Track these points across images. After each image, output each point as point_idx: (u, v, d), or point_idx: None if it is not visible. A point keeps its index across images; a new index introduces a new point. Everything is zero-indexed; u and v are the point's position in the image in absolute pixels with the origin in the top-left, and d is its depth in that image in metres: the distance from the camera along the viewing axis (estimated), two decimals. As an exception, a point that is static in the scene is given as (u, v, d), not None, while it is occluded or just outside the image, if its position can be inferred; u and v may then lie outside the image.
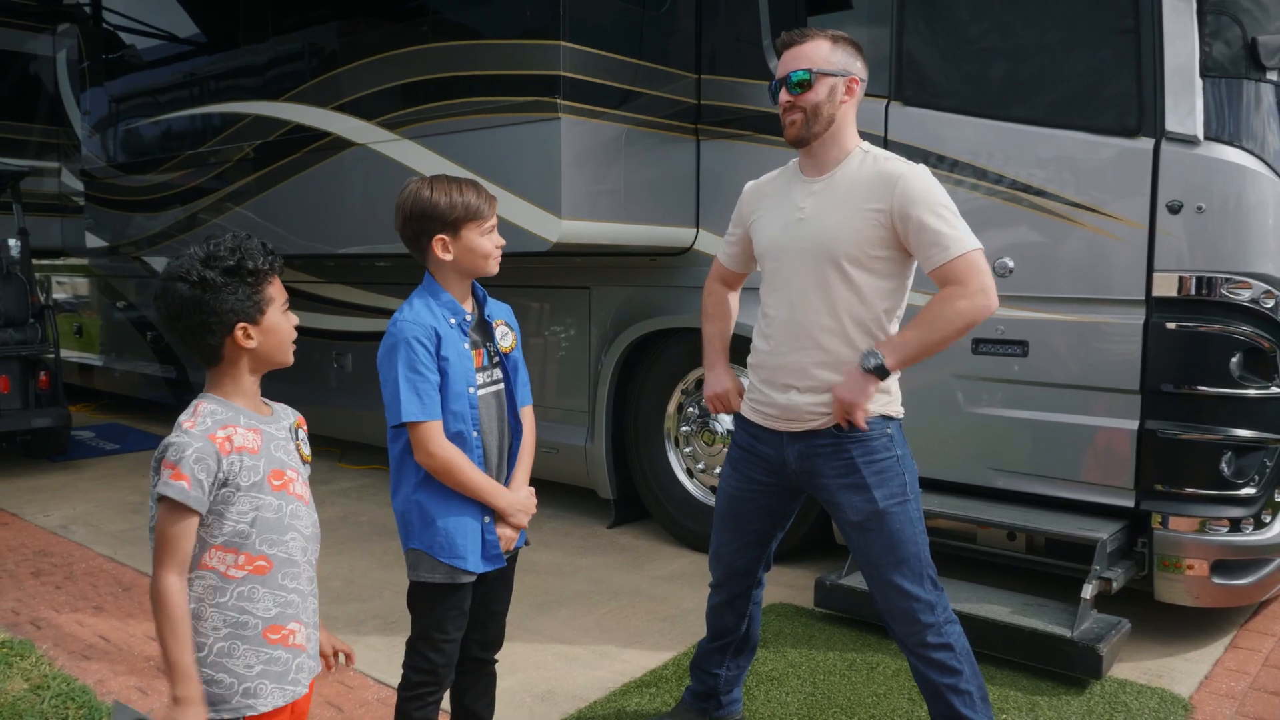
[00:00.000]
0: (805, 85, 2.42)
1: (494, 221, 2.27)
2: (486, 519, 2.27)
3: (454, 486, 2.21)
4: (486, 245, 2.25)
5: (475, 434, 2.24)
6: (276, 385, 1.90)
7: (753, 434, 2.60)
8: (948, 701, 2.43)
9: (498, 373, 2.34)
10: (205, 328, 1.73)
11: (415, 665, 2.30)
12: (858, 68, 2.48)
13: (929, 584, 2.42)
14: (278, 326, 1.80)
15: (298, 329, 1.86)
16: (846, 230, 2.37)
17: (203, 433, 1.70)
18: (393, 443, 2.27)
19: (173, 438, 1.70)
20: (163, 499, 1.67)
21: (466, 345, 2.25)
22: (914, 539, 2.41)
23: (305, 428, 1.94)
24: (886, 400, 2.46)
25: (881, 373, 2.33)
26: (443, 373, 2.19)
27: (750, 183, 2.72)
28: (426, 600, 2.28)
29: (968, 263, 2.28)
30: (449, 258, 2.23)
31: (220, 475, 1.70)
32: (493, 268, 2.28)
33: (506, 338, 2.35)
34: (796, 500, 2.67)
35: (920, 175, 2.35)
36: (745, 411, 2.63)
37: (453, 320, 2.23)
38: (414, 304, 2.24)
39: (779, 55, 2.51)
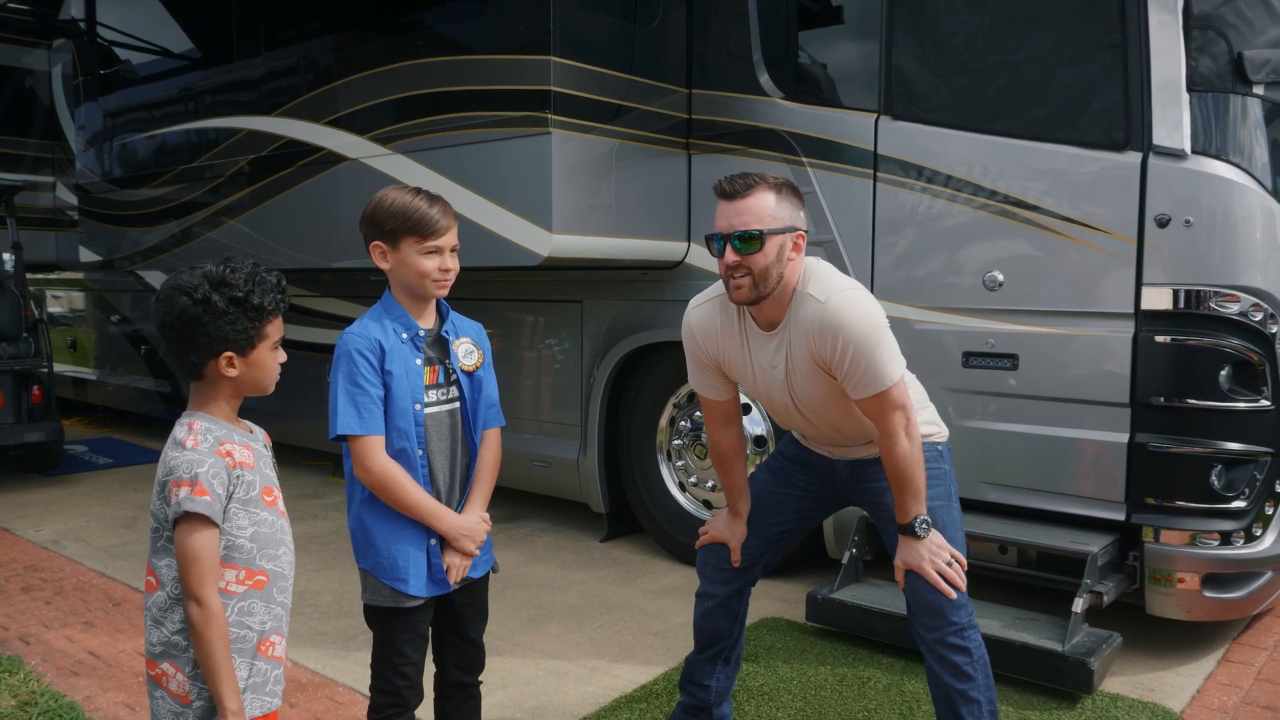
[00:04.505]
0: (754, 245, 2.32)
1: (441, 244, 2.17)
2: (433, 542, 2.21)
3: (393, 505, 2.16)
4: (424, 265, 2.16)
5: (420, 452, 2.18)
6: (271, 400, 1.91)
7: (804, 448, 2.73)
8: (955, 708, 2.43)
9: (454, 391, 2.27)
10: (192, 345, 1.75)
11: (379, 688, 2.27)
12: (801, 219, 2.41)
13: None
14: (263, 362, 1.81)
15: (292, 343, 1.87)
16: (822, 388, 2.45)
17: (209, 448, 1.72)
18: (345, 457, 2.22)
19: (177, 456, 1.71)
20: (188, 517, 1.68)
21: (418, 361, 2.20)
22: (955, 538, 2.49)
23: (271, 444, 1.94)
24: (935, 431, 2.61)
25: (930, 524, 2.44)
26: (386, 387, 2.14)
27: (692, 321, 2.59)
28: (378, 623, 2.25)
29: (888, 397, 2.35)
30: (387, 267, 2.20)
31: (230, 489, 1.72)
32: (432, 289, 2.20)
33: (470, 356, 2.28)
34: (828, 511, 2.80)
35: (845, 323, 2.31)
36: (796, 434, 2.78)
37: (404, 335, 2.19)
38: (365, 317, 2.21)
39: (719, 197, 2.39)
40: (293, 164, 5.38)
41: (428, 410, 2.21)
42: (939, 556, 2.40)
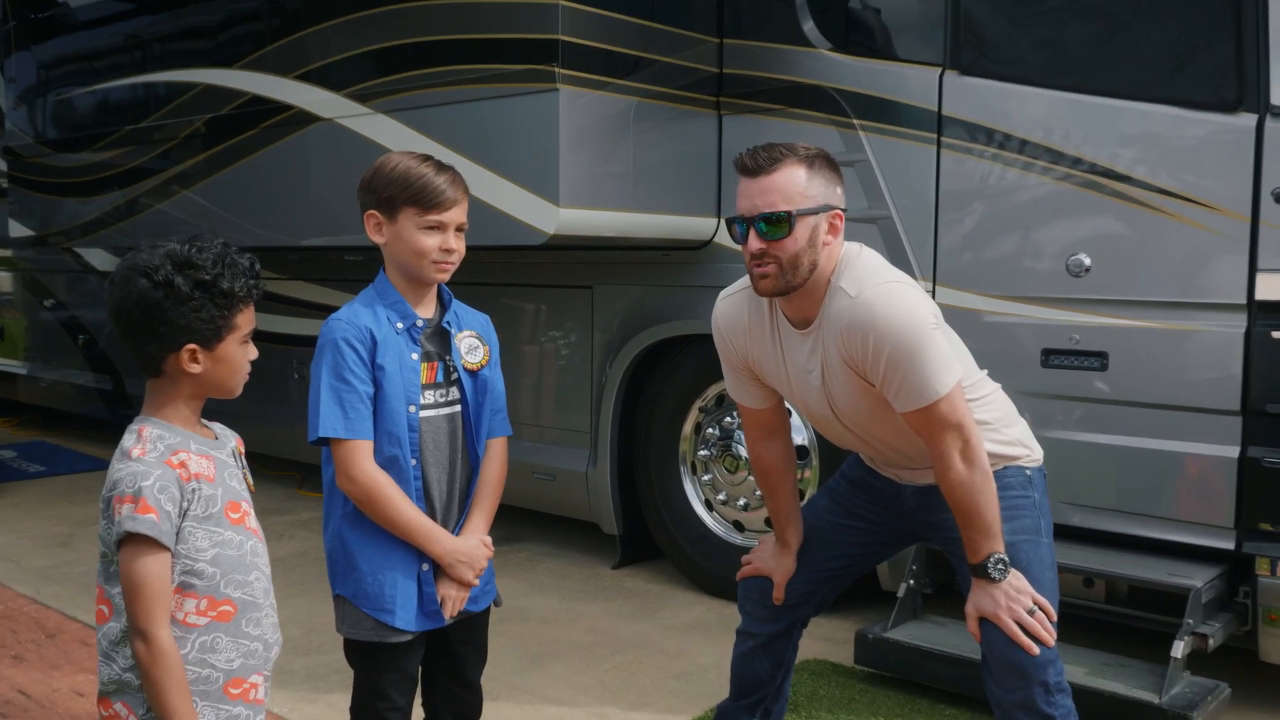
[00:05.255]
0: (782, 229, 2.30)
1: (444, 219, 2.17)
2: (425, 567, 2.20)
3: (379, 522, 2.15)
4: (423, 242, 2.16)
5: (414, 462, 2.18)
6: (226, 399, 1.90)
7: (867, 468, 2.72)
8: None
9: (454, 392, 2.27)
10: (150, 335, 1.75)
11: None
12: (838, 196, 2.39)
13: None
14: (231, 358, 1.82)
15: (254, 334, 1.87)
16: (864, 398, 2.41)
17: (157, 459, 1.73)
18: (326, 464, 2.22)
19: (122, 469, 1.72)
20: (130, 538, 1.67)
21: (415, 356, 2.20)
22: (1042, 579, 2.41)
23: (244, 452, 1.94)
24: (1024, 453, 2.57)
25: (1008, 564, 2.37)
26: (377, 385, 2.14)
27: (719, 316, 2.61)
28: (359, 661, 2.25)
29: (937, 412, 2.29)
30: (381, 241, 2.20)
31: (183, 505, 1.72)
32: (430, 272, 2.19)
33: (475, 352, 2.28)
34: (896, 546, 2.81)
35: (878, 321, 2.28)
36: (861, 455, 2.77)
37: (400, 325, 2.19)
38: (354, 302, 2.21)
39: (740, 173, 2.38)
40: (257, 125, 5.38)
41: (424, 413, 2.20)
42: (1018, 603, 2.33)
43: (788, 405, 2.73)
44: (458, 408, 2.27)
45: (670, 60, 4.35)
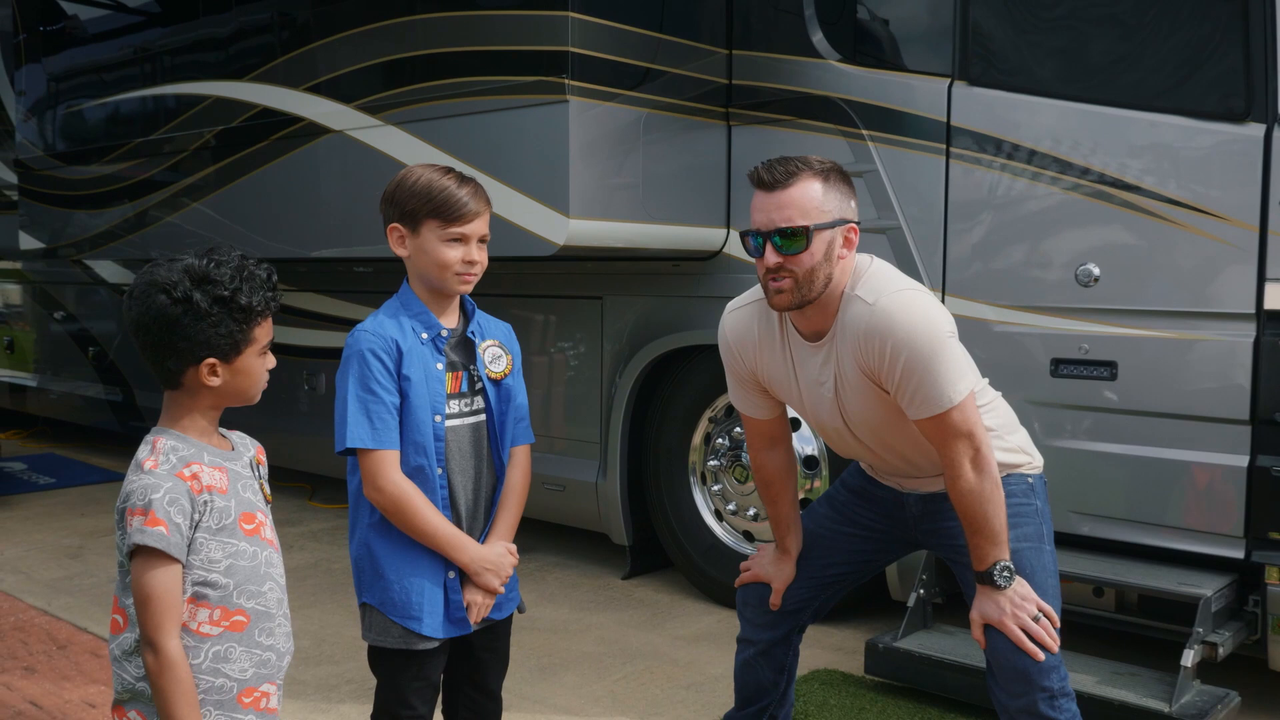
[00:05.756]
0: (799, 243, 2.33)
1: (467, 231, 2.21)
2: (451, 575, 2.23)
3: (407, 531, 2.18)
4: (446, 254, 2.19)
5: (439, 471, 2.21)
6: (238, 409, 1.93)
7: (869, 478, 2.75)
8: None
9: (479, 401, 2.30)
10: (170, 350, 1.77)
11: None
12: (852, 209, 2.43)
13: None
14: (250, 369, 1.84)
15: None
16: (878, 408, 2.45)
17: (169, 471, 1.74)
18: (351, 474, 2.25)
19: (134, 481, 1.74)
20: (139, 551, 1.70)
21: (440, 366, 2.23)
22: (1045, 586, 2.45)
23: (264, 462, 1.96)
24: (1025, 460, 2.61)
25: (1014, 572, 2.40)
26: (403, 395, 2.17)
27: (727, 328, 2.65)
28: (383, 669, 2.27)
29: (949, 420, 2.32)
30: (405, 254, 2.23)
31: (194, 517, 1.74)
32: (453, 284, 2.23)
33: (498, 361, 2.31)
34: (896, 554, 2.83)
35: (895, 328, 2.31)
36: (862, 464, 2.78)
37: (425, 335, 2.22)
38: (379, 313, 2.24)
39: (756, 187, 2.41)
40: (266, 137, 5.42)
41: (449, 423, 2.24)
42: (1023, 610, 2.37)
43: (793, 414, 2.77)
44: (482, 417, 2.31)
45: (679, 72, 4.38)
